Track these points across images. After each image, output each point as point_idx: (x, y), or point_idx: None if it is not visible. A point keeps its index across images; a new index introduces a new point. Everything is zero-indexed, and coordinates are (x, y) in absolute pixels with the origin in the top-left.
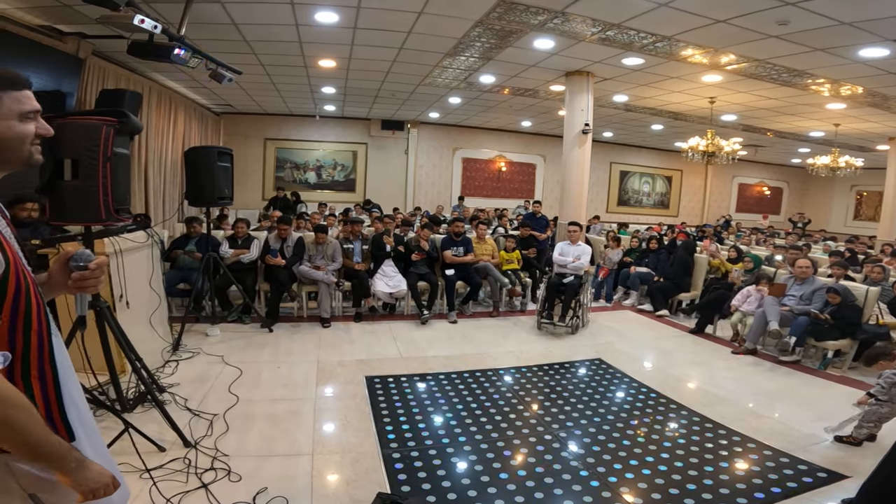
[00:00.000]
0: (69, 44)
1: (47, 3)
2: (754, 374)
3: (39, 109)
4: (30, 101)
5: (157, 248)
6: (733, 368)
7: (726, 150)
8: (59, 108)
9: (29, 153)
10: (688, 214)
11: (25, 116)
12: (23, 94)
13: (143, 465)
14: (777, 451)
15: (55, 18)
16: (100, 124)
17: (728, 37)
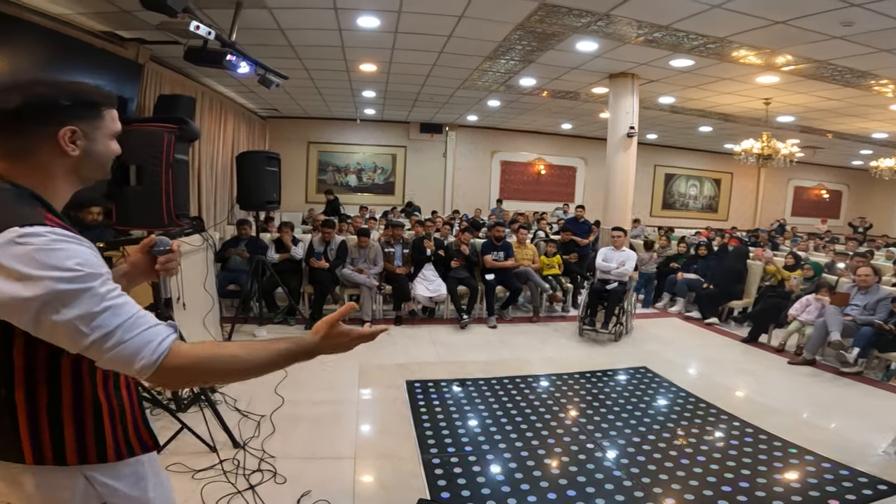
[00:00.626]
0: (129, 50)
1: (109, 10)
2: (811, 385)
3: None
4: (117, 120)
5: (210, 251)
6: (789, 379)
7: (783, 152)
8: (121, 114)
9: (107, 172)
10: (738, 218)
11: (115, 135)
12: (115, 112)
13: (195, 466)
14: (835, 463)
15: (116, 24)
16: (161, 131)
17: (786, 38)
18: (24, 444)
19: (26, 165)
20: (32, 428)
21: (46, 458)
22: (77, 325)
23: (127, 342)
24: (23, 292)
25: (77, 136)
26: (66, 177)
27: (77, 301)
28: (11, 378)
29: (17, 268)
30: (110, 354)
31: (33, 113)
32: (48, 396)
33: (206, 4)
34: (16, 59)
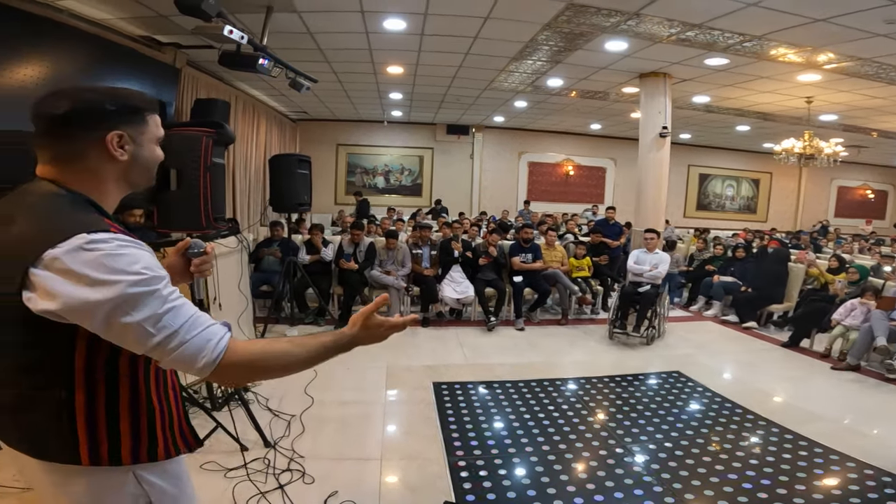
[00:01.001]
0: (167, 54)
1: (147, 14)
2: (855, 392)
3: None
4: (160, 126)
5: (245, 252)
6: (832, 385)
7: (827, 151)
8: (161, 118)
9: (153, 178)
10: (779, 220)
11: (159, 141)
12: (158, 118)
13: (227, 465)
14: (878, 470)
15: (154, 29)
16: (200, 135)
17: (828, 35)
18: (81, 446)
19: (77, 170)
20: (90, 429)
21: (102, 458)
22: (145, 327)
23: (189, 341)
24: (94, 296)
25: (124, 140)
26: (116, 182)
27: (144, 303)
28: (72, 380)
29: (87, 273)
30: (175, 354)
31: (81, 118)
32: (106, 397)
33: (238, 9)
34: (61, 63)
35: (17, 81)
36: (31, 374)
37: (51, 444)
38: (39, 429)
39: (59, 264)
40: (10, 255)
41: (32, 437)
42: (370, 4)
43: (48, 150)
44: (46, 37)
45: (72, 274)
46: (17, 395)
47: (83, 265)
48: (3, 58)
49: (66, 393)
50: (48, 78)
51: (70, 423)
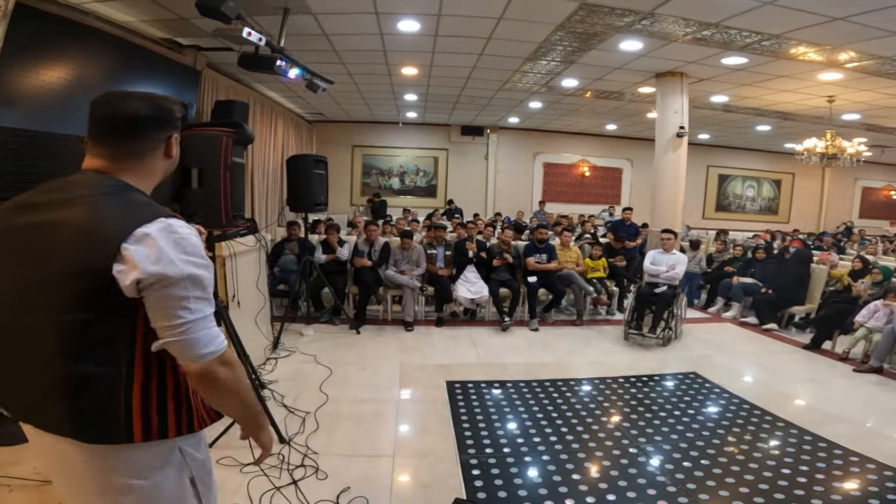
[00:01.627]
0: (188, 56)
1: (168, 17)
2: (878, 394)
3: None
4: None
5: (263, 251)
6: (854, 387)
7: (850, 151)
8: (184, 119)
9: None
10: (801, 221)
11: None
12: None
13: (243, 460)
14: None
15: (175, 31)
16: (220, 135)
17: (847, 34)
18: (134, 423)
19: (137, 166)
20: (145, 404)
21: (153, 433)
22: (188, 304)
23: (208, 330)
24: (172, 270)
25: (177, 142)
26: (156, 178)
27: (201, 285)
28: (133, 356)
29: (171, 249)
30: (191, 335)
31: (158, 121)
32: (158, 372)
33: (256, 11)
34: (88, 66)
35: (46, 83)
36: (96, 353)
37: (102, 423)
38: (92, 409)
39: (150, 240)
40: (95, 233)
41: (83, 419)
42: (384, 6)
43: (110, 148)
44: (74, 39)
45: (158, 249)
46: (75, 374)
47: (169, 243)
48: (33, 60)
49: (126, 369)
50: (75, 80)
51: (127, 399)
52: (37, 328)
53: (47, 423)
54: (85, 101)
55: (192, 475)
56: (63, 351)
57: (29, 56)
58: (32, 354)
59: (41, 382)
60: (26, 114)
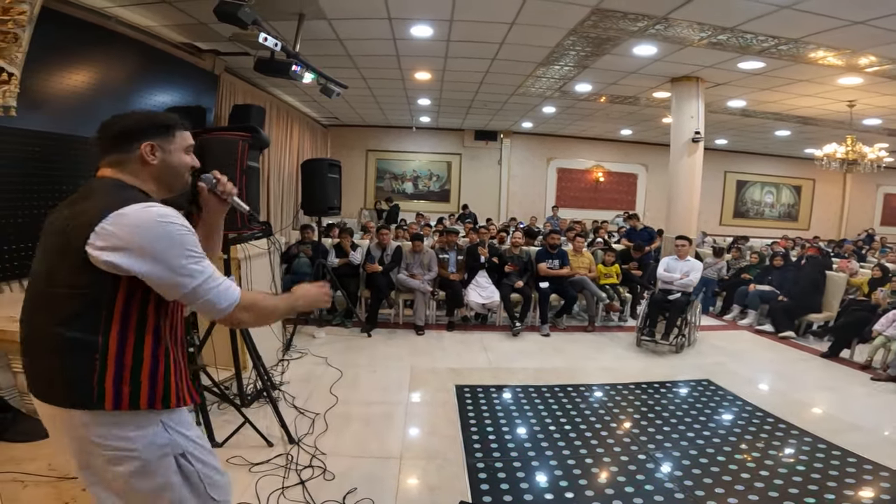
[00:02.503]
0: (207, 61)
1: (188, 22)
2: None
3: (193, 145)
4: (189, 138)
5: (277, 254)
6: (872, 395)
7: (870, 157)
8: (200, 123)
9: (186, 180)
10: (822, 228)
11: (188, 150)
12: (185, 132)
13: (253, 460)
14: None
15: (194, 36)
16: (237, 139)
17: (868, 38)
18: (106, 390)
19: (127, 171)
20: (118, 373)
21: (123, 402)
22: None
23: (216, 287)
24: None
25: (155, 149)
26: (153, 181)
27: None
28: (109, 326)
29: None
30: (207, 296)
31: (125, 134)
32: (134, 343)
33: (273, 16)
34: (112, 70)
35: (70, 87)
36: (78, 320)
37: (79, 388)
38: (72, 374)
39: (125, 219)
40: (84, 219)
41: (65, 383)
42: (397, 12)
43: (108, 157)
44: (97, 43)
45: (135, 227)
46: (61, 339)
47: (146, 220)
48: (57, 64)
49: (103, 339)
50: (98, 84)
51: (101, 367)
52: (47, 300)
53: (43, 391)
54: (108, 105)
55: (183, 451)
56: (55, 318)
57: (54, 60)
58: (43, 324)
59: (43, 351)
60: (51, 117)
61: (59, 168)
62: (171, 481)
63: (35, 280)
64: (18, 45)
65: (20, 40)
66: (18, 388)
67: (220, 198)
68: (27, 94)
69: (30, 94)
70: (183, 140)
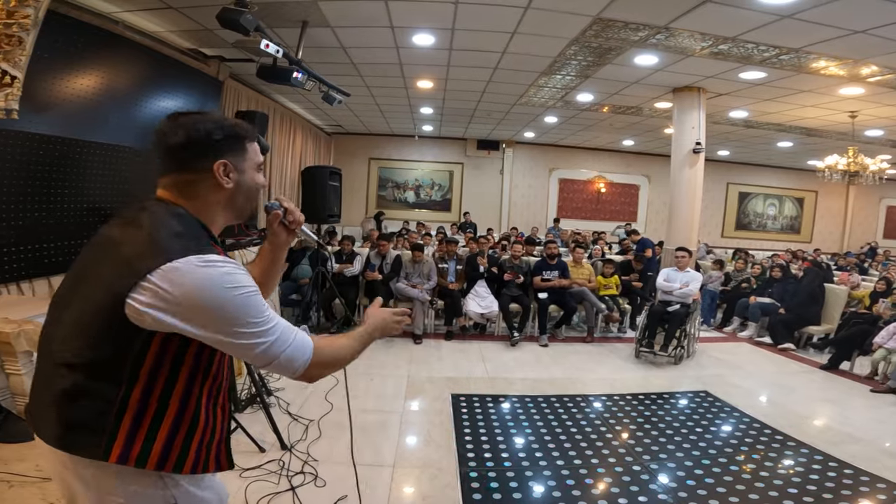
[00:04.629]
0: (212, 67)
1: (194, 28)
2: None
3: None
4: (259, 151)
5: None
6: (872, 407)
7: (872, 168)
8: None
9: (255, 206)
10: (824, 240)
11: (260, 167)
12: (256, 144)
13: (244, 465)
14: None
15: (200, 42)
16: None
17: (870, 47)
18: (116, 442)
19: (191, 195)
20: (133, 427)
21: (130, 459)
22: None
23: (290, 346)
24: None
25: (229, 168)
26: (224, 208)
27: (254, 313)
28: (135, 378)
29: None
30: (280, 358)
31: (192, 148)
32: (159, 400)
33: (276, 24)
34: (118, 74)
35: (75, 91)
36: (98, 367)
37: (84, 436)
38: (79, 420)
39: (180, 277)
40: (131, 258)
41: (69, 428)
42: (399, 20)
43: (170, 175)
44: (103, 48)
45: (193, 290)
46: (74, 383)
47: (206, 284)
48: (63, 68)
49: (125, 389)
50: (103, 88)
51: (116, 420)
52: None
53: (42, 428)
54: (113, 109)
55: None
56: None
57: (58, 63)
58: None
59: (50, 383)
60: (54, 120)
61: (62, 172)
62: None
63: (57, 304)
64: (22, 49)
65: (24, 44)
66: (11, 390)
67: (289, 229)
68: (31, 98)
69: (33, 97)
70: (255, 154)
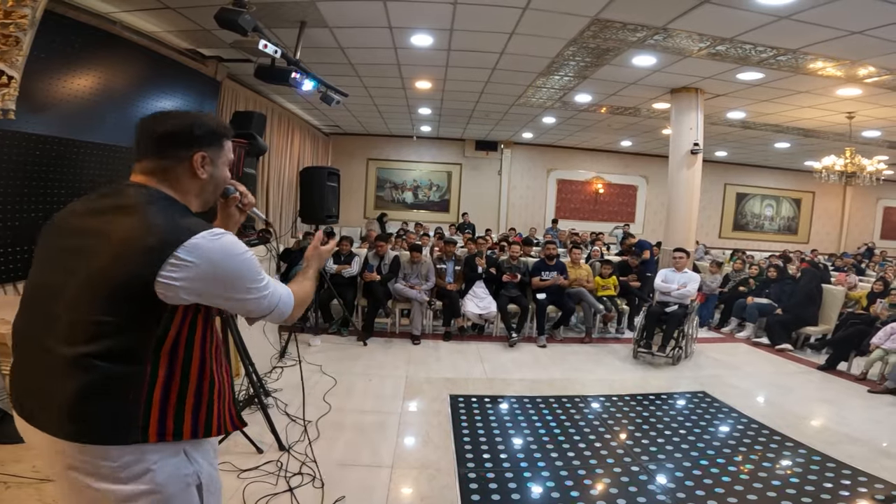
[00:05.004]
0: (209, 67)
1: (192, 28)
2: (893, 415)
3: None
4: (232, 151)
5: (274, 261)
6: (869, 408)
7: (869, 169)
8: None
9: (217, 198)
10: (821, 241)
11: (230, 164)
12: (230, 144)
13: (242, 466)
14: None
15: (197, 42)
16: (234, 146)
17: (867, 48)
18: (151, 422)
19: (172, 182)
20: (163, 404)
21: (167, 433)
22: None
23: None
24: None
25: (206, 160)
26: (196, 197)
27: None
28: (158, 356)
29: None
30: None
31: (176, 137)
32: (181, 372)
33: (274, 24)
34: (115, 74)
35: (72, 91)
36: (124, 351)
37: (112, 422)
38: (106, 409)
39: (202, 251)
40: (153, 244)
41: (94, 420)
42: (398, 20)
43: (150, 161)
44: (100, 48)
45: (215, 260)
46: (95, 377)
47: (224, 253)
48: (60, 68)
49: (151, 368)
50: (101, 88)
51: (148, 399)
52: (69, 324)
53: (49, 424)
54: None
55: (200, 482)
56: (82, 346)
57: (56, 63)
58: (62, 347)
59: (60, 379)
60: (51, 120)
61: (59, 172)
62: None
63: (42, 296)
64: (19, 49)
65: (21, 44)
66: (7, 391)
67: (241, 210)
68: (27, 98)
69: (30, 97)
70: (229, 152)
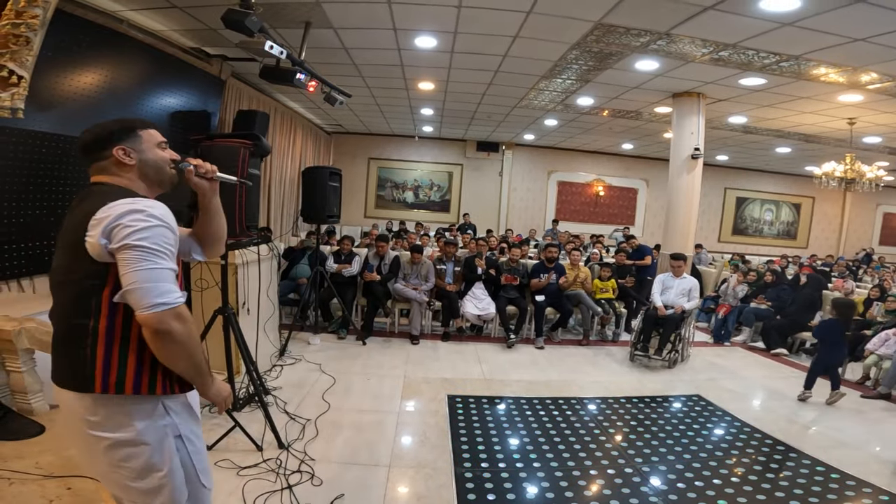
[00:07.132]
0: (214, 66)
1: (198, 27)
2: (885, 420)
3: (166, 140)
4: (157, 134)
5: (275, 260)
6: (862, 413)
7: (869, 176)
8: (204, 127)
9: (170, 173)
10: (820, 246)
11: (160, 145)
12: (151, 130)
13: (241, 463)
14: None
15: (203, 41)
16: (238, 147)
17: (869, 55)
18: (96, 372)
19: (113, 175)
20: (106, 356)
21: (110, 386)
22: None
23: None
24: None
25: (128, 150)
26: (139, 179)
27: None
28: (99, 309)
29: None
30: (145, 286)
31: (95, 143)
32: (122, 327)
33: (279, 24)
34: (122, 73)
35: (80, 89)
36: (78, 305)
37: (76, 371)
38: (70, 357)
39: (113, 209)
40: (85, 213)
41: (67, 367)
42: (402, 22)
43: (92, 165)
44: (108, 47)
45: (121, 213)
46: (68, 326)
47: (131, 209)
48: (68, 66)
49: (94, 321)
50: (108, 86)
51: (93, 349)
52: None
53: (55, 373)
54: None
55: (179, 433)
56: (66, 306)
57: (63, 62)
58: (58, 311)
59: (56, 336)
60: (58, 118)
61: (65, 169)
62: (172, 466)
63: (53, 273)
64: (30, 49)
65: (31, 44)
66: (10, 387)
67: (207, 178)
68: (34, 96)
69: (37, 95)
70: (151, 137)
